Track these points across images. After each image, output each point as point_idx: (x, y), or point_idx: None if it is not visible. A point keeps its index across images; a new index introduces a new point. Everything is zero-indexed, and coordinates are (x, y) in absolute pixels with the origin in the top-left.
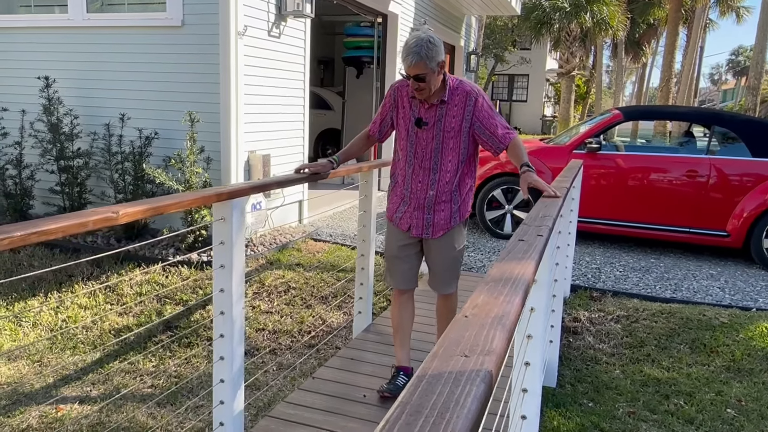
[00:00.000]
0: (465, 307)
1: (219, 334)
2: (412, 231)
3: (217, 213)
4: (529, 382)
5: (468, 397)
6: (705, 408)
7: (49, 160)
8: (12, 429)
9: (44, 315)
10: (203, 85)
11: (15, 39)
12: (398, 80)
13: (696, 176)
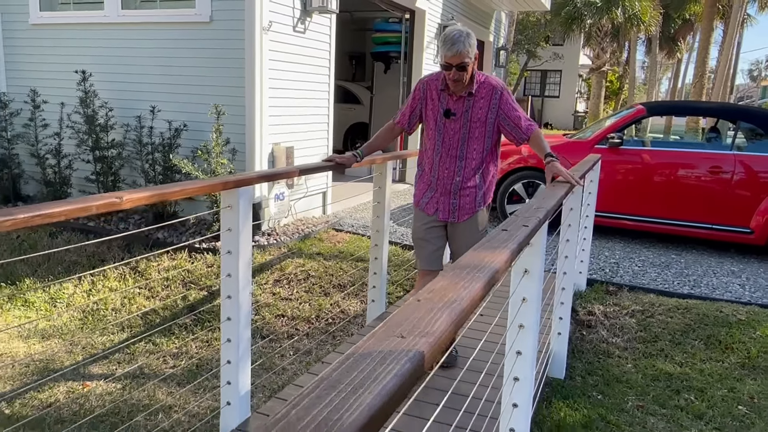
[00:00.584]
0: (421, 291)
1: (226, 317)
2: (438, 215)
3: (225, 201)
4: (520, 371)
5: (388, 375)
6: (716, 404)
7: (85, 150)
8: (41, 402)
9: (77, 297)
10: (229, 79)
11: (55, 35)
12: (427, 75)
13: (720, 172)
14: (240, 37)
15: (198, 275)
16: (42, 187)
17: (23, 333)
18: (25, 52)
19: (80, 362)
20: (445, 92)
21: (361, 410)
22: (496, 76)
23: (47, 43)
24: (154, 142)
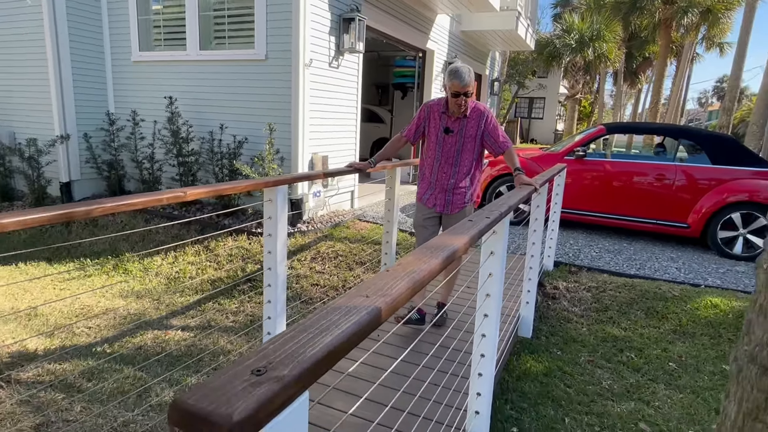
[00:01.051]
0: (393, 265)
1: (267, 284)
2: (436, 208)
3: (266, 196)
4: (487, 329)
5: (348, 323)
6: (651, 361)
7: (171, 157)
8: (134, 345)
9: (164, 267)
10: (280, 103)
11: (150, 69)
12: (430, 101)
13: (664, 179)
14: (288, 71)
15: (253, 252)
16: (139, 184)
17: (123, 293)
18: (127, 82)
19: (163, 316)
20: (445, 114)
21: (321, 347)
22: (491, 103)
23: (144, 75)
24: (222, 151)
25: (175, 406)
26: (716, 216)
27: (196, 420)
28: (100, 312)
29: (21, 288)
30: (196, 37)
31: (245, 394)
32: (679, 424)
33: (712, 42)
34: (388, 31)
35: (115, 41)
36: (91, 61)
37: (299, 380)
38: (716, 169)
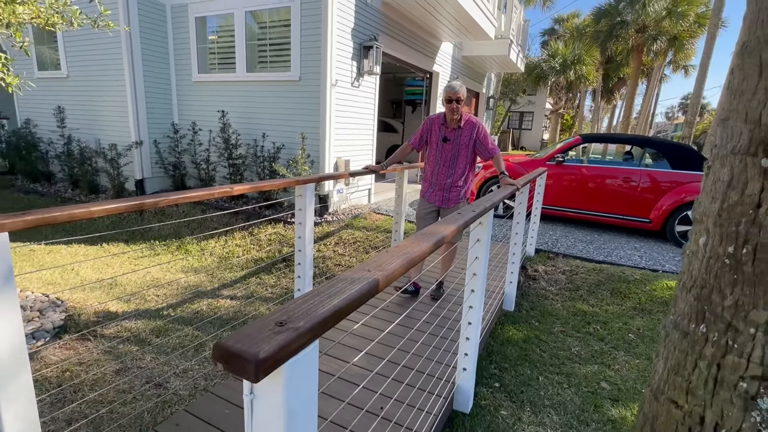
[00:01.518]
0: (391, 247)
1: (298, 263)
2: (435, 203)
3: (298, 192)
4: (473, 302)
5: (351, 290)
6: (614, 332)
7: (223, 159)
8: (192, 310)
9: (217, 248)
10: (310, 116)
11: (206, 87)
12: (431, 115)
13: (631, 181)
14: (317, 90)
15: (288, 238)
16: (198, 181)
17: (184, 269)
18: (188, 98)
19: (216, 288)
20: (443, 125)
21: (328, 307)
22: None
23: (201, 93)
24: (264, 155)
25: (217, 346)
26: (675, 213)
27: (232, 356)
28: (165, 283)
29: (104, 263)
30: (244, 61)
31: (269, 339)
32: (634, 384)
33: (678, 65)
34: (401, 56)
35: (179, 65)
36: (160, 82)
37: (311, 331)
38: (675, 173)
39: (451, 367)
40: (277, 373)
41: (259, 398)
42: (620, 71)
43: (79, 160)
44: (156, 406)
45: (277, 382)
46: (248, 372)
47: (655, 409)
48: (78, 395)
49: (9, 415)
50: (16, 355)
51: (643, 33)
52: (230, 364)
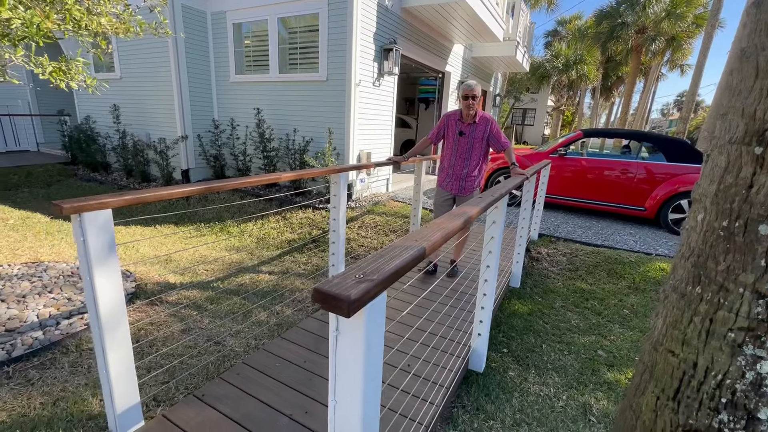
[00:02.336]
0: (430, 223)
1: (332, 241)
2: (452, 192)
3: (332, 179)
4: (488, 276)
5: (407, 254)
6: (610, 308)
7: (258, 152)
8: (236, 283)
9: (254, 230)
10: (336, 113)
11: (243, 87)
12: (449, 111)
13: (629, 173)
14: (343, 89)
15: (317, 221)
16: (236, 172)
17: (227, 248)
18: (226, 97)
19: (255, 264)
20: (459, 121)
21: (392, 266)
22: (493, 113)
23: (238, 92)
24: (295, 148)
25: (317, 290)
26: (668, 202)
27: (330, 297)
28: (212, 260)
29: (158, 242)
30: (276, 63)
31: (355, 287)
32: (628, 352)
33: (675, 64)
34: (416, 57)
35: (218, 67)
36: (202, 82)
37: (382, 283)
38: (670, 165)
39: (467, 334)
40: (359, 313)
41: (343, 334)
42: (619, 70)
43: (132, 152)
44: (217, 359)
45: (359, 321)
46: (342, 309)
47: (654, 358)
48: (153, 349)
49: (113, 355)
50: (118, 309)
51: (642, 34)
52: (327, 303)
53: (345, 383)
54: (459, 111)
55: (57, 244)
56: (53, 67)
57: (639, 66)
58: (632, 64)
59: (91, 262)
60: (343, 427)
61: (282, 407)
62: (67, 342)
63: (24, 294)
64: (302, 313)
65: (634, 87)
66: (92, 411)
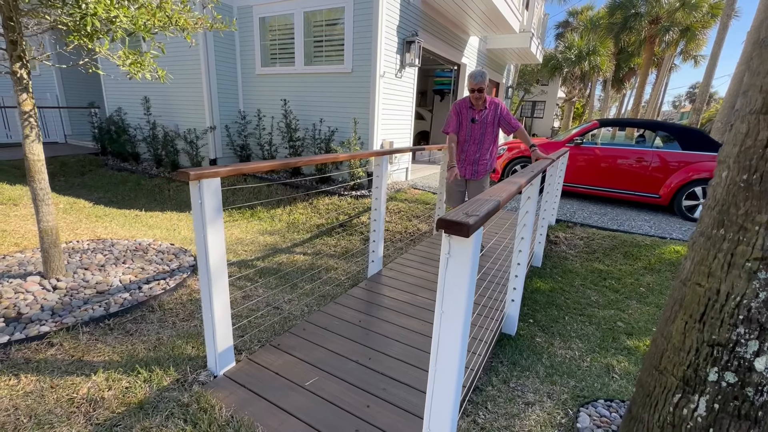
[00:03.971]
0: (495, 187)
1: (373, 219)
2: (466, 175)
3: (375, 162)
4: (522, 246)
5: (489, 205)
6: (626, 286)
7: (284, 141)
8: (274, 262)
9: (284, 216)
10: (360, 103)
11: (269, 79)
12: (458, 100)
13: (643, 161)
14: (367, 80)
15: (344, 207)
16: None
17: (260, 231)
18: (253, 89)
19: (289, 246)
20: (470, 108)
21: (484, 209)
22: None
23: (264, 84)
24: (321, 138)
25: (442, 219)
26: (682, 189)
27: (453, 224)
28: (249, 242)
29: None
30: (302, 56)
31: (466, 219)
32: (645, 324)
33: (689, 55)
34: (434, 49)
35: (244, 60)
36: (229, 76)
37: (481, 219)
38: (685, 153)
39: (500, 301)
40: (469, 239)
41: (453, 257)
42: (631, 61)
43: (162, 143)
44: (280, 320)
45: (468, 244)
46: (464, 231)
47: (683, 291)
48: None
49: (218, 301)
50: (222, 261)
51: (656, 24)
52: (450, 228)
53: (452, 296)
54: (467, 98)
55: (109, 225)
56: (132, 59)
57: (652, 57)
58: (645, 55)
59: (205, 220)
60: (448, 332)
61: (348, 354)
62: (151, 303)
63: (102, 264)
64: (340, 288)
65: (647, 78)
66: (189, 354)
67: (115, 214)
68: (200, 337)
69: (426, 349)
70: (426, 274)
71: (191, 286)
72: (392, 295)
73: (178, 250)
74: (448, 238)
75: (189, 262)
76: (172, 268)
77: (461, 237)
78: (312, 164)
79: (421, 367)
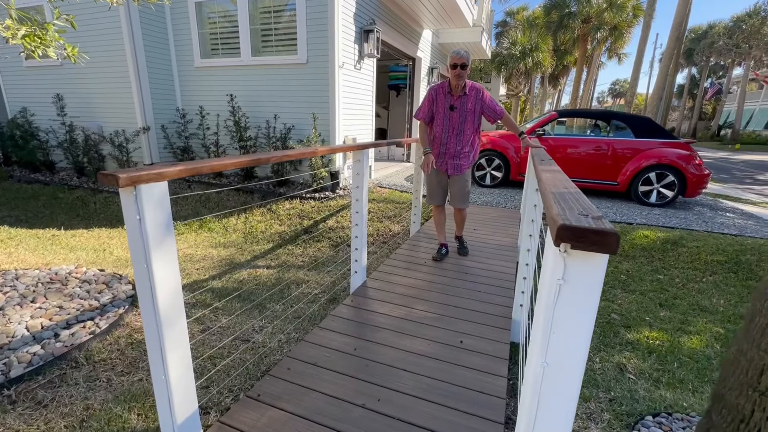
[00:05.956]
0: (549, 178)
1: (355, 224)
2: (447, 171)
3: (355, 157)
4: (528, 260)
5: (581, 198)
6: (608, 274)
7: (234, 142)
8: (235, 279)
9: (239, 225)
10: (319, 97)
11: (211, 72)
12: (434, 84)
13: (600, 150)
14: (325, 72)
15: (307, 212)
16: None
17: (212, 245)
18: (192, 84)
19: (249, 259)
20: (449, 94)
21: (595, 210)
22: None
23: (206, 78)
24: (276, 136)
25: (567, 227)
26: (638, 175)
27: (591, 233)
28: (200, 258)
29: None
30: (248, 46)
31: (603, 225)
32: (637, 313)
33: (614, 53)
34: (391, 41)
35: (179, 51)
36: (162, 69)
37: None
38: (638, 141)
39: (501, 306)
40: (605, 256)
41: (572, 283)
42: (565, 59)
43: (83, 148)
44: (254, 357)
45: (600, 266)
46: (610, 245)
47: None
48: None
49: (173, 355)
50: (176, 299)
51: (588, 23)
52: (585, 240)
53: (563, 340)
54: (446, 83)
55: (14, 251)
56: (26, 30)
57: (585, 54)
58: (579, 52)
59: (148, 243)
60: (554, 393)
61: (350, 397)
62: (74, 354)
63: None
64: (316, 304)
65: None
66: (134, 426)
67: (24, 235)
68: (149, 397)
69: (440, 377)
70: (415, 282)
71: (131, 324)
72: (384, 311)
73: (111, 278)
74: (563, 256)
75: (126, 292)
76: (102, 302)
77: (595, 253)
78: (288, 159)
79: (444, 403)
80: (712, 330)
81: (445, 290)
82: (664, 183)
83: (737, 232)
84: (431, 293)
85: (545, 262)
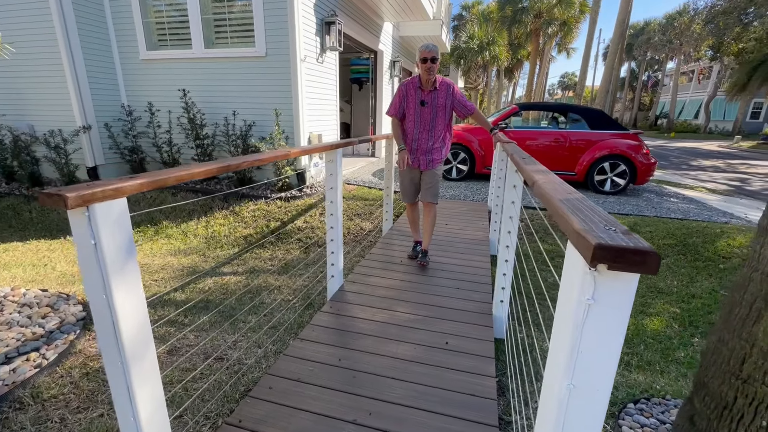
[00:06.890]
0: (547, 184)
1: (330, 226)
2: (420, 167)
3: (328, 157)
4: (509, 242)
5: (588, 202)
6: None
7: (189, 140)
8: (200, 289)
9: (199, 230)
10: (281, 92)
11: (160, 65)
12: (405, 80)
13: (559, 141)
14: (286, 66)
15: (273, 213)
16: (160, 165)
17: (171, 252)
18: (138, 78)
19: (214, 266)
20: (419, 89)
21: (621, 225)
22: None
23: (154, 72)
24: (236, 134)
25: (598, 246)
26: (593, 165)
27: (629, 253)
28: (158, 268)
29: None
30: (200, 37)
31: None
32: None
33: (563, 47)
34: (352, 34)
35: (122, 42)
36: (102, 61)
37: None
38: (592, 133)
39: (481, 303)
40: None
41: (603, 304)
42: (518, 53)
43: (12, 151)
44: (230, 377)
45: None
46: (651, 265)
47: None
48: None
49: (143, 393)
50: (143, 330)
51: (539, 18)
52: (623, 260)
53: (591, 362)
54: (417, 78)
55: None
56: None
57: (538, 48)
58: (532, 46)
59: (106, 270)
60: (581, 415)
61: (340, 414)
62: (17, 393)
63: None
64: (293, 312)
65: (536, 68)
66: None
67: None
68: None
69: (430, 383)
70: (393, 282)
71: (85, 351)
72: (366, 315)
73: (56, 298)
74: (593, 274)
75: (76, 315)
76: (48, 329)
77: (630, 273)
78: (260, 164)
79: (436, 410)
80: (670, 310)
81: (425, 289)
82: (617, 172)
83: (682, 216)
84: (411, 293)
85: (568, 279)
